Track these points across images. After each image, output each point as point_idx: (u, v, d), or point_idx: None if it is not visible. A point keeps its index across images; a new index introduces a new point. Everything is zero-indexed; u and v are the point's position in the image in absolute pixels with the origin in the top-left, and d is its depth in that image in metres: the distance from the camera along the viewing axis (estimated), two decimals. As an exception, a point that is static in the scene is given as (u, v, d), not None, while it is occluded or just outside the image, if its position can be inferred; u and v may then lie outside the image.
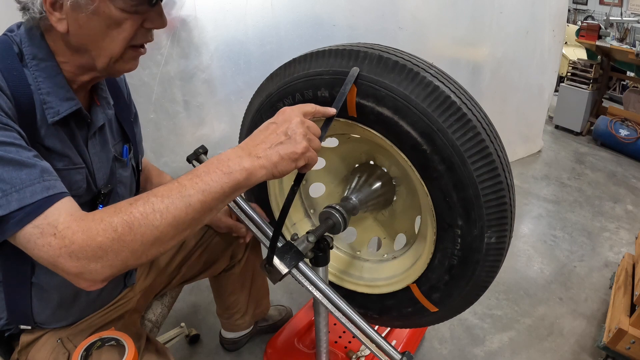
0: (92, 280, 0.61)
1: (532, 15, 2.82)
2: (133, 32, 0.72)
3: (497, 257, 0.88)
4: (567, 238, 2.49)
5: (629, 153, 3.56)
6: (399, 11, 2.30)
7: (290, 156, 0.67)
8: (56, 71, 0.74)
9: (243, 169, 0.64)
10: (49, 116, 0.73)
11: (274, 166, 0.66)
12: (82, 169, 0.81)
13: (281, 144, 0.67)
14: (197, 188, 0.62)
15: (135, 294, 1.11)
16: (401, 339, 1.51)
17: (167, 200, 0.61)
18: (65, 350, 0.92)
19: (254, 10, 1.93)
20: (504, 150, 0.85)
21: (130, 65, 0.79)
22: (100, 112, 0.87)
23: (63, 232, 0.59)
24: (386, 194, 1.13)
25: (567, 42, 4.69)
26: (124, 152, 0.96)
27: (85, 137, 0.83)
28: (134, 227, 0.59)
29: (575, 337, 1.80)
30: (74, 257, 0.58)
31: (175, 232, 0.62)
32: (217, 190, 0.63)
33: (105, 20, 0.69)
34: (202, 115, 2.04)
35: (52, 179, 0.64)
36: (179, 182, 0.63)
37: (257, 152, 0.66)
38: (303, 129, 0.70)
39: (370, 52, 0.83)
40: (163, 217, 0.60)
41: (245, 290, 1.48)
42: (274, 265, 0.83)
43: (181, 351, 1.70)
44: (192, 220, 0.63)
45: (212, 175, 0.63)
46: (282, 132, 0.69)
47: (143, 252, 0.61)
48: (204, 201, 0.62)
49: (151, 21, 0.74)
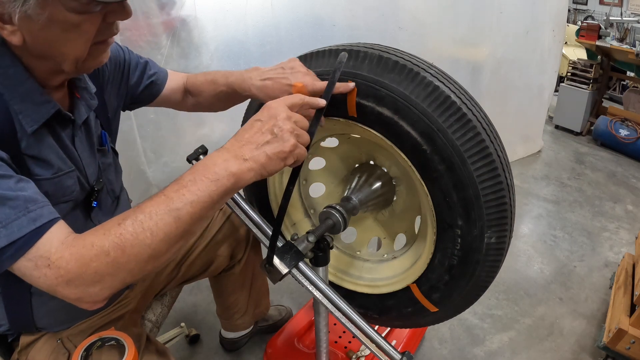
0: (93, 302, 0.61)
1: (532, 15, 2.82)
2: (94, 30, 0.66)
3: (497, 257, 0.88)
4: (567, 238, 2.49)
5: (629, 153, 3.56)
6: (399, 11, 2.30)
7: (278, 155, 0.65)
8: (25, 76, 0.69)
9: (230, 174, 0.62)
10: (26, 126, 0.68)
11: (262, 167, 0.65)
12: (72, 172, 0.79)
13: (268, 143, 0.65)
14: (185, 200, 0.60)
15: (136, 295, 1.11)
16: (401, 339, 1.51)
17: (155, 217, 0.59)
18: (65, 350, 0.92)
19: (254, 10, 1.92)
20: (504, 150, 0.85)
21: (100, 60, 0.73)
22: (82, 105, 0.82)
23: (57, 262, 0.58)
24: (386, 194, 1.13)
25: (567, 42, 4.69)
26: (104, 139, 0.92)
27: (71, 135, 0.80)
28: (126, 248, 0.58)
29: (575, 337, 1.80)
30: (72, 285, 0.58)
31: (168, 246, 0.61)
32: (205, 200, 0.61)
33: (61, 26, 0.62)
34: (202, 115, 2.04)
35: (37, 207, 0.61)
36: (165, 194, 0.61)
37: (244, 154, 0.64)
38: (290, 124, 0.67)
39: (370, 52, 0.83)
40: (154, 234, 0.59)
41: (245, 290, 1.48)
42: (274, 265, 0.83)
43: (181, 351, 1.70)
44: (183, 232, 0.62)
45: (198, 184, 0.61)
46: (268, 130, 0.66)
47: (140, 269, 0.61)
48: (193, 213, 0.61)
49: (113, 14, 0.67)
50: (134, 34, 1.69)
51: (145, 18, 1.69)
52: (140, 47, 1.72)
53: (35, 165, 0.72)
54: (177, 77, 1.10)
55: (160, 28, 1.76)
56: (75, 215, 0.84)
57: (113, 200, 0.97)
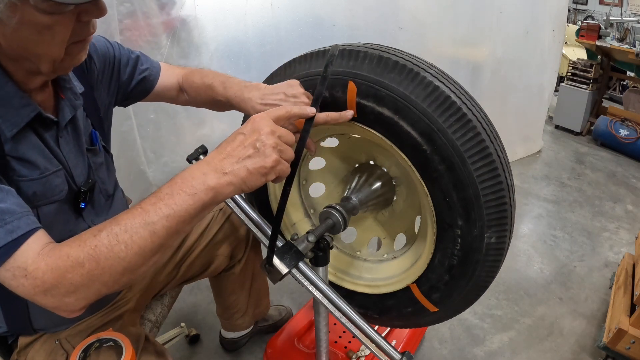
0: (70, 311, 0.62)
1: (532, 15, 2.82)
2: (69, 31, 0.65)
3: (497, 257, 0.88)
4: (567, 238, 2.49)
5: (629, 153, 3.56)
6: (399, 11, 2.30)
7: (258, 170, 0.64)
8: (4, 80, 0.68)
9: (208, 188, 0.61)
10: (6, 130, 0.68)
11: (242, 182, 0.63)
12: (59, 171, 0.79)
13: (249, 157, 0.64)
14: (161, 214, 0.59)
15: (134, 294, 1.11)
16: (401, 339, 1.51)
17: (130, 230, 0.59)
18: (63, 351, 0.92)
19: (254, 10, 1.92)
20: (504, 150, 0.85)
21: (78, 58, 0.72)
22: (66, 106, 0.81)
23: (33, 273, 0.59)
24: (386, 194, 1.13)
25: (567, 42, 4.68)
26: (94, 139, 0.91)
27: (55, 136, 0.79)
28: (101, 261, 0.58)
29: (575, 337, 1.80)
30: (49, 295, 0.59)
31: (143, 260, 0.61)
32: (181, 214, 0.60)
33: (34, 28, 0.61)
34: (202, 115, 2.04)
35: (14, 218, 0.61)
36: (142, 207, 0.61)
37: (224, 168, 0.63)
38: (273, 140, 0.65)
39: (370, 52, 0.83)
40: (128, 248, 0.59)
41: (245, 290, 1.48)
42: (274, 265, 0.83)
43: (181, 351, 1.70)
44: (159, 246, 0.61)
45: (175, 198, 0.60)
46: (250, 145, 0.64)
47: (114, 282, 0.61)
48: (169, 227, 0.60)
49: (87, 13, 0.65)
50: (134, 34, 1.69)
51: (145, 18, 1.68)
52: (140, 47, 1.72)
53: (21, 167, 0.72)
54: (172, 74, 1.08)
55: (160, 28, 1.76)
56: (66, 216, 0.84)
57: (107, 199, 0.97)
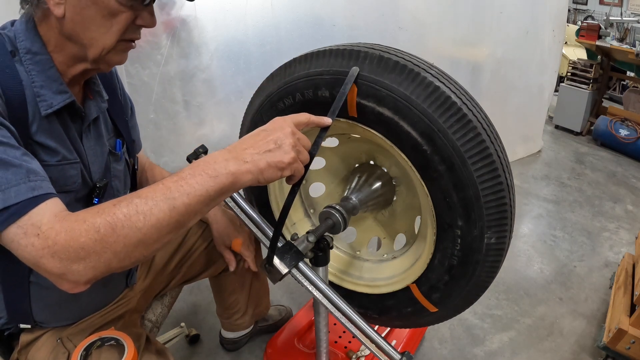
0: (74, 281, 0.60)
1: (532, 15, 2.82)
2: (125, 26, 0.74)
3: (497, 257, 0.88)
4: (567, 238, 2.49)
5: (629, 153, 3.57)
6: (399, 11, 2.30)
7: (277, 164, 0.67)
8: (49, 65, 0.75)
9: (229, 172, 0.64)
10: (42, 108, 0.73)
11: (260, 172, 0.66)
12: (76, 163, 0.81)
13: (269, 151, 0.67)
14: (182, 191, 0.61)
15: (135, 294, 1.11)
16: (401, 339, 1.51)
17: (151, 202, 0.60)
18: (65, 349, 0.92)
19: (254, 10, 1.92)
20: (504, 150, 0.85)
21: (120, 58, 0.79)
22: (93, 105, 0.87)
23: (46, 232, 0.58)
24: (386, 194, 1.13)
25: (567, 42, 4.69)
26: (117, 146, 0.97)
27: (79, 130, 0.84)
28: (117, 228, 0.59)
29: (575, 337, 1.80)
30: (57, 258, 0.58)
31: (158, 234, 0.61)
32: (202, 194, 0.62)
33: (102, 11, 0.70)
34: (202, 115, 2.04)
35: (38, 179, 0.63)
36: (164, 184, 0.62)
37: (245, 157, 0.66)
38: (293, 139, 0.69)
39: (370, 52, 0.83)
40: (146, 219, 0.59)
41: (245, 290, 1.48)
42: (274, 265, 0.83)
43: (181, 351, 1.70)
44: (176, 223, 0.62)
45: (197, 178, 0.62)
46: (271, 140, 0.68)
47: (126, 254, 0.61)
48: (188, 204, 0.61)
49: (142, 19, 0.76)
50: (134, 33, 1.69)
51: (145, 18, 1.68)
52: (140, 47, 1.72)
53: (41, 151, 0.74)
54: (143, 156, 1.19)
55: (160, 28, 1.76)
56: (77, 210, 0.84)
57: None
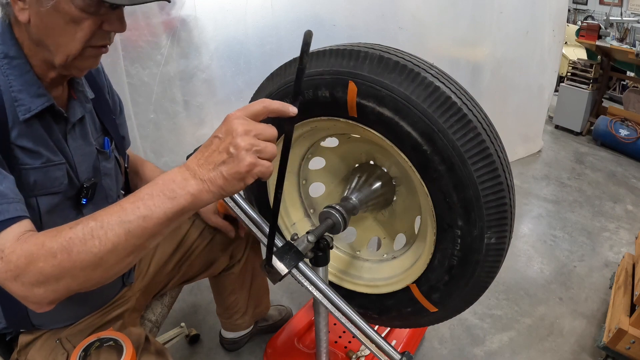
0: (37, 303, 0.61)
1: (532, 15, 2.82)
2: (91, 32, 0.71)
3: (497, 257, 0.88)
4: (567, 238, 2.49)
5: (629, 153, 3.56)
6: (399, 11, 2.30)
7: (234, 176, 0.60)
8: (26, 68, 0.74)
9: (188, 193, 0.59)
10: (20, 113, 0.73)
11: (221, 188, 0.60)
12: (62, 164, 0.81)
13: (224, 163, 0.60)
14: (139, 214, 0.58)
15: (134, 293, 1.11)
16: (401, 339, 1.51)
17: (106, 226, 0.58)
18: (64, 350, 0.92)
19: (254, 10, 1.92)
20: (504, 150, 0.85)
21: (89, 63, 0.77)
22: (77, 105, 0.87)
23: (9, 256, 0.59)
24: (386, 194, 1.13)
25: (567, 42, 4.68)
26: (106, 144, 0.96)
27: (64, 131, 0.83)
28: (73, 253, 0.58)
29: (575, 337, 1.80)
30: (19, 281, 0.59)
31: (116, 258, 0.60)
32: (159, 217, 0.59)
33: (64, 17, 0.68)
34: (202, 115, 2.04)
35: (5, 202, 0.63)
36: (121, 205, 0.60)
37: (202, 174, 0.60)
38: (247, 141, 0.59)
39: (371, 52, 0.83)
40: (102, 243, 0.58)
41: (245, 290, 1.48)
42: (274, 266, 0.83)
43: (181, 351, 1.70)
44: (133, 247, 0.60)
45: (155, 199, 0.59)
46: (224, 149, 0.60)
47: (85, 278, 0.60)
48: (145, 228, 0.59)
49: (110, 24, 0.72)
50: (134, 33, 1.69)
51: (145, 18, 1.68)
52: (140, 47, 1.71)
53: (24, 155, 0.74)
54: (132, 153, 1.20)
55: (160, 28, 1.76)
56: (66, 210, 0.85)
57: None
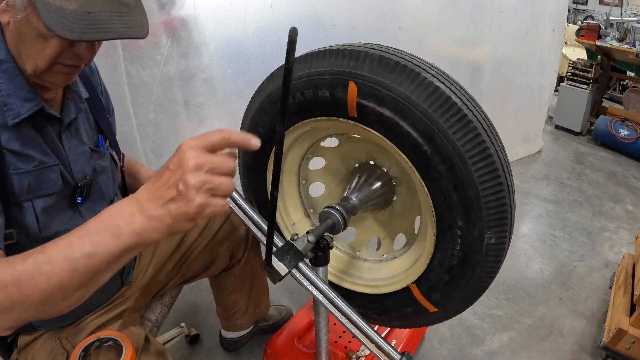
0: None
1: (532, 15, 2.82)
2: (58, 51, 0.70)
3: (497, 257, 0.88)
4: (567, 238, 2.49)
5: (629, 153, 3.56)
6: (399, 11, 2.30)
7: (183, 217, 0.54)
8: (16, 72, 0.74)
9: (133, 232, 0.55)
10: (9, 118, 0.72)
11: (169, 227, 0.55)
12: (55, 166, 0.81)
13: (172, 200, 0.54)
14: (84, 251, 0.55)
15: (133, 292, 1.11)
16: (401, 339, 1.51)
17: (52, 262, 0.56)
18: (63, 350, 0.92)
19: (254, 10, 1.92)
20: (504, 150, 0.85)
21: (58, 79, 0.76)
22: (72, 105, 0.87)
23: None
24: (386, 194, 1.13)
25: (567, 42, 4.68)
26: (100, 143, 0.97)
27: (58, 131, 0.84)
28: (22, 287, 0.56)
29: (575, 337, 1.80)
30: None
31: (64, 294, 0.58)
32: (105, 255, 0.56)
33: (33, 31, 0.68)
34: (202, 115, 2.04)
35: None
36: (68, 239, 0.57)
37: (149, 210, 0.55)
38: (198, 178, 0.53)
39: (371, 53, 0.83)
40: (49, 280, 0.56)
41: (245, 290, 1.48)
42: (274, 266, 0.83)
43: (181, 351, 1.70)
44: (81, 282, 0.58)
45: (100, 235, 0.56)
46: (173, 184, 0.54)
47: (36, 310, 0.59)
48: (91, 265, 0.56)
49: (79, 48, 0.72)
50: (134, 33, 1.69)
51: (145, 18, 1.68)
52: (140, 47, 1.71)
53: (16, 160, 0.75)
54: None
55: (160, 28, 1.76)
56: (62, 210, 0.86)
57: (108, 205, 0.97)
